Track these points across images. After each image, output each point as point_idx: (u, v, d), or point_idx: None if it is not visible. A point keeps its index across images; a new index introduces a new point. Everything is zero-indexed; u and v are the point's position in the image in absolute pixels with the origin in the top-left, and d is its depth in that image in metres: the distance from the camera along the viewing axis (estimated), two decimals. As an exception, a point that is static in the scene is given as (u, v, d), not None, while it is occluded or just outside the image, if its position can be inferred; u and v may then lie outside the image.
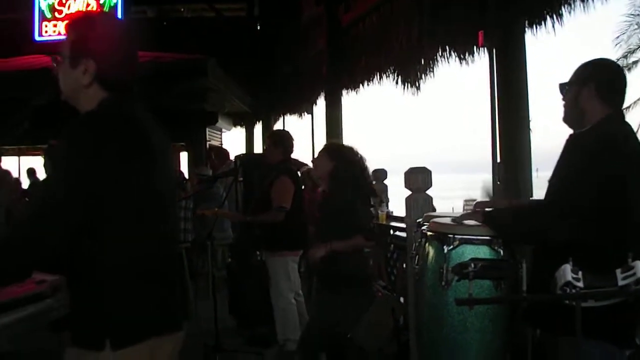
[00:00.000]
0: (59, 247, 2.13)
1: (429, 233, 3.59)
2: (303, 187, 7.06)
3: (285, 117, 14.66)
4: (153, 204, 2.29)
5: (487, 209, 3.39)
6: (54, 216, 2.10)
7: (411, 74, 8.54)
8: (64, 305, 3.05)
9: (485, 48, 6.29)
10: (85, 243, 2.15)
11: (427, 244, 3.57)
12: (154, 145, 2.31)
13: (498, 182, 5.84)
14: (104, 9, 12.50)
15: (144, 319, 2.24)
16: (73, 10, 12.88)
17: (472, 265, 3.06)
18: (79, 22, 2.43)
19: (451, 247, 3.32)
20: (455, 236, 3.33)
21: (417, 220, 4.18)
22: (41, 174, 9.45)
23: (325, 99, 10.96)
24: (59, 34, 12.81)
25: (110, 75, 2.33)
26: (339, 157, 4.72)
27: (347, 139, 10.77)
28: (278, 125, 15.00)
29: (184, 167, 14.21)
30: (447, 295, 3.29)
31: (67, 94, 2.38)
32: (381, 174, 8.52)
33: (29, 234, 2.10)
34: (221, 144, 14.62)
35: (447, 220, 3.60)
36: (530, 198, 5.48)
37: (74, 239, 2.13)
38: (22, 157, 15.92)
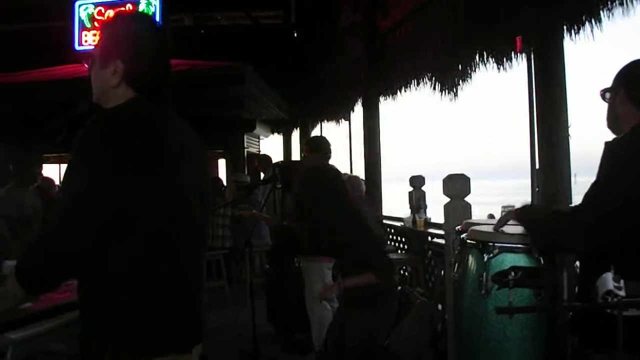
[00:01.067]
0: (80, 256, 2.07)
1: (468, 241, 3.58)
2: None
3: (323, 123, 14.67)
4: (170, 211, 2.20)
5: (522, 207, 3.37)
6: (72, 225, 2.04)
7: (448, 80, 8.49)
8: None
9: (524, 53, 6.25)
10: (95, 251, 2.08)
11: (466, 252, 3.57)
12: (171, 148, 2.24)
13: (537, 189, 5.79)
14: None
15: (147, 336, 2.16)
16: (112, 19, 12.99)
17: (513, 273, 3.04)
18: (109, 23, 2.44)
19: (491, 255, 3.31)
20: (495, 244, 3.32)
21: (456, 228, 4.16)
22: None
23: (363, 106, 10.94)
24: (98, 43, 12.94)
25: (139, 76, 2.30)
26: (311, 189, 4.58)
27: (385, 146, 10.76)
28: (315, 132, 15.00)
29: (222, 174, 14.32)
30: (487, 303, 3.28)
31: (98, 96, 2.37)
32: (419, 180, 8.51)
33: (50, 244, 2.06)
34: (259, 151, 14.67)
35: (487, 228, 3.58)
36: (570, 204, 5.42)
37: (96, 246, 2.06)
38: (62, 165, 16.12)
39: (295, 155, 16.21)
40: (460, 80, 8.20)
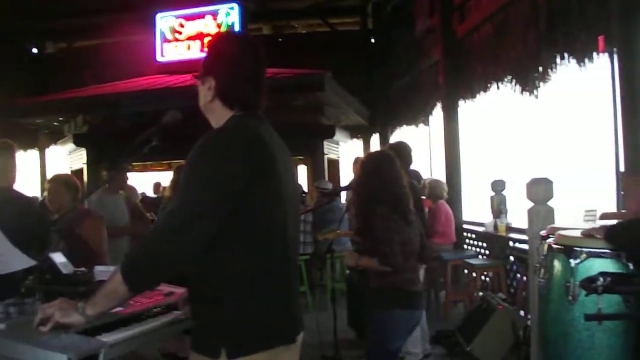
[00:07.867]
0: (192, 258, 2.23)
1: (555, 246, 3.53)
2: (423, 197, 7.07)
3: (402, 128, 14.62)
4: (279, 216, 2.37)
5: (609, 224, 3.31)
6: (190, 228, 2.17)
7: (529, 81, 8.36)
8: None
9: (606, 53, 6.11)
10: (209, 253, 2.24)
11: (552, 257, 3.52)
12: (279, 161, 2.39)
13: (622, 192, 5.65)
14: (222, 28, 12.80)
15: (261, 331, 2.30)
16: (192, 31, 13.28)
17: (601, 279, 2.98)
18: (209, 42, 2.62)
19: (578, 260, 3.26)
20: (583, 249, 3.27)
21: (541, 232, 4.10)
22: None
23: (442, 109, 10.88)
24: (179, 54, 13.26)
25: (230, 93, 2.44)
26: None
27: (464, 149, 10.64)
28: (395, 137, 14.95)
29: (303, 181, 14.41)
30: (574, 310, 3.23)
31: (202, 109, 2.53)
32: (500, 185, 8.42)
33: (165, 245, 2.19)
34: (338, 157, 14.73)
35: (573, 233, 3.53)
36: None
37: (203, 249, 2.23)
38: (145, 173, 16.42)
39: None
40: (541, 82, 8.05)
